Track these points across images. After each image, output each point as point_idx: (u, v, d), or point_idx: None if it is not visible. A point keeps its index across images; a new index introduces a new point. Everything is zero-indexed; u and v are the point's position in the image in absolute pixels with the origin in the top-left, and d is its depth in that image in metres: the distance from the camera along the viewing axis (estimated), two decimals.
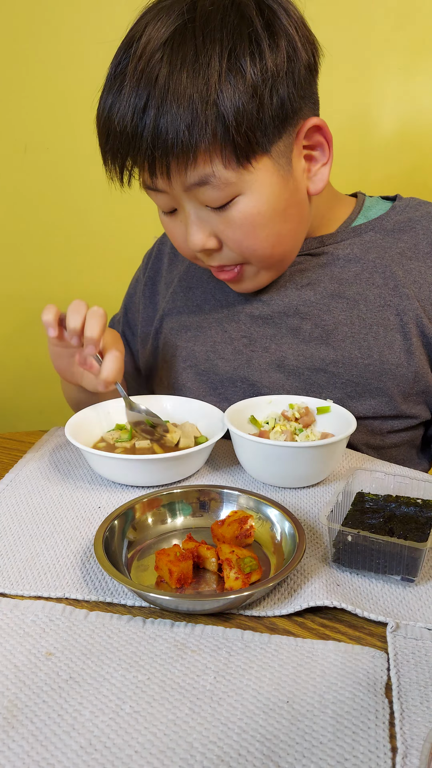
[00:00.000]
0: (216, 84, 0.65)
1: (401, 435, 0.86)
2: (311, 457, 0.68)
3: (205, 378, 0.89)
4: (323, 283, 0.85)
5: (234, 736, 0.41)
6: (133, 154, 0.71)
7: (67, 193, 1.57)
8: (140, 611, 0.53)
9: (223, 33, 0.66)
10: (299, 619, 0.52)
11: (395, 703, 0.43)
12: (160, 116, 0.66)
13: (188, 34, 0.66)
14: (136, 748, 0.40)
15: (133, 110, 0.68)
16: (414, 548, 0.54)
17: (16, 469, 0.77)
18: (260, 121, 0.68)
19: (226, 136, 0.67)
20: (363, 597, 0.54)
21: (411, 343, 0.82)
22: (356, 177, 1.33)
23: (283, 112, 0.70)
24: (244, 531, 0.59)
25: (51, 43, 1.46)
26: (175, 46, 0.66)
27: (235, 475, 0.75)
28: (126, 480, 0.72)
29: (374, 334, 0.83)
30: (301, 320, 0.85)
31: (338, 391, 0.83)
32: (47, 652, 0.48)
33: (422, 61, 1.26)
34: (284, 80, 0.68)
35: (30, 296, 1.67)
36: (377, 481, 0.65)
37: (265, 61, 0.66)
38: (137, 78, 0.67)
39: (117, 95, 0.69)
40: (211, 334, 0.90)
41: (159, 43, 0.66)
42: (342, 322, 0.84)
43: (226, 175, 0.70)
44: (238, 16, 0.67)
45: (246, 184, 0.72)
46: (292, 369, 0.85)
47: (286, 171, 0.74)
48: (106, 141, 0.73)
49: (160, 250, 1.03)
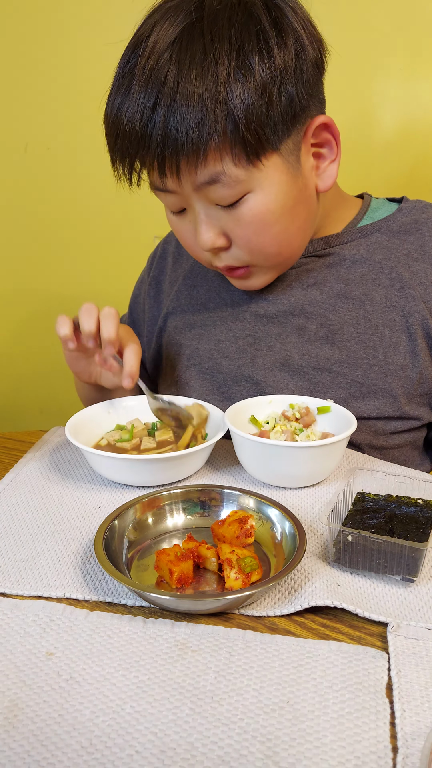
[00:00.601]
0: (225, 82, 0.65)
1: (404, 436, 0.86)
2: (311, 457, 0.68)
3: (209, 376, 0.89)
4: (329, 283, 0.85)
5: (235, 736, 0.41)
6: (143, 153, 0.71)
7: (68, 192, 1.57)
8: (141, 611, 0.53)
9: (231, 31, 0.66)
10: (299, 619, 0.52)
11: (396, 703, 0.43)
12: (170, 115, 0.66)
13: (196, 33, 0.66)
14: (136, 748, 0.40)
15: (142, 110, 0.67)
16: (414, 548, 0.54)
17: (16, 469, 0.77)
18: (269, 119, 0.68)
19: (236, 133, 0.67)
20: (363, 597, 0.54)
21: (416, 345, 0.82)
22: (358, 177, 1.33)
23: (291, 109, 0.70)
24: (244, 531, 0.59)
25: (52, 42, 1.46)
26: (183, 45, 0.66)
27: (235, 475, 0.75)
28: (126, 480, 0.72)
29: (380, 335, 0.83)
30: (307, 320, 0.85)
31: (342, 391, 0.83)
32: (48, 652, 0.48)
33: (423, 61, 1.26)
34: (292, 77, 0.68)
35: (30, 295, 1.67)
36: (378, 481, 0.65)
37: (274, 59, 0.67)
38: (146, 78, 0.67)
39: (126, 95, 0.69)
40: (216, 333, 0.90)
41: (167, 43, 0.67)
42: (347, 322, 0.84)
43: (236, 172, 0.70)
44: (246, 14, 0.67)
45: (256, 182, 0.72)
46: (297, 368, 0.85)
47: (295, 168, 0.74)
48: (115, 141, 0.73)
49: (165, 250, 1.03)
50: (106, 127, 0.74)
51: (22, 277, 1.66)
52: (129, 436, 0.78)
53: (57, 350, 0.86)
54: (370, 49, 1.27)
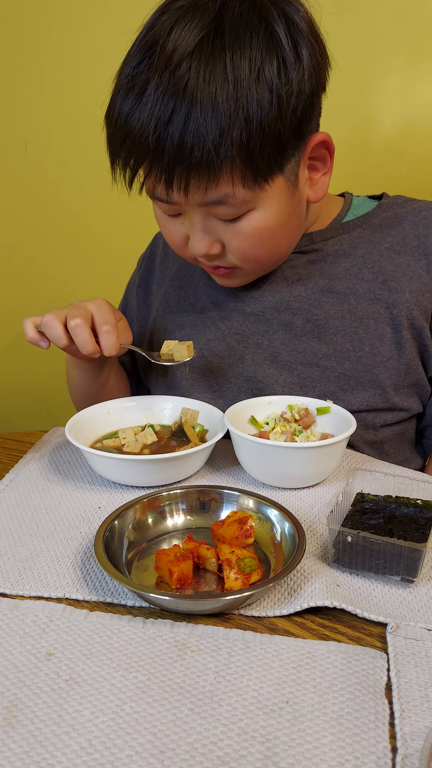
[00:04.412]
0: (245, 103, 0.64)
1: (394, 428, 0.87)
2: (311, 457, 0.68)
3: (200, 375, 0.90)
4: (313, 279, 0.87)
5: (234, 737, 0.41)
6: (150, 164, 0.69)
7: (68, 192, 1.57)
8: (140, 611, 0.53)
9: (252, 50, 0.65)
10: (299, 620, 0.52)
11: (395, 703, 0.43)
12: (186, 130, 0.65)
13: (217, 46, 0.64)
14: (136, 749, 0.40)
15: (156, 120, 0.65)
16: (414, 549, 0.54)
17: (16, 469, 0.77)
18: (281, 139, 0.68)
19: (250, 156, 0.67)
20: (363, 597, 0.54)
21: (401, 336, 0.83)
22: (358, 177, 1.33)
23: (300, 131, 0.70)
24: (244, 531, 0.59)
25: (52, 42, 1.45)
26: (203, 59, 0.64)
27: (235, 475, 0.75)
28: (126, 480, 0.72)
29: (365, 327, 0.84)
30: (293, 315, 0.86)
31: (331, 384, 0.84)
32: (47, 653, 0.48)
33: (424, 61, 1.26)
34: (302, 99, 0.68)
35: (30, 295, 1.67)
36: (377, 482, 0.65)
37: (291, 82, 0.66)
38: (163, 86, 0.65)
39: (138, 101, 0.66)
40: (205, 332, 0.91)
41: (186, 52, 0.64)
42: (333, 316, 0.85)
43: (243, 194, 0.70)
44: (267, 33, 0.66)
45: (259, 201, 0.72)
46: (286, 364, 0.86)
47: (294, 185, 0.75)
48: (120, 145, 0.70)
49: (153, 252, 1.04)
50: (109, 127, 0.72)
51: (22, 276, 1.66)
52: None
53: (57, 351, 0.86)
54: (371, 48, 1.27)
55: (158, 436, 0.80)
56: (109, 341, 0.77)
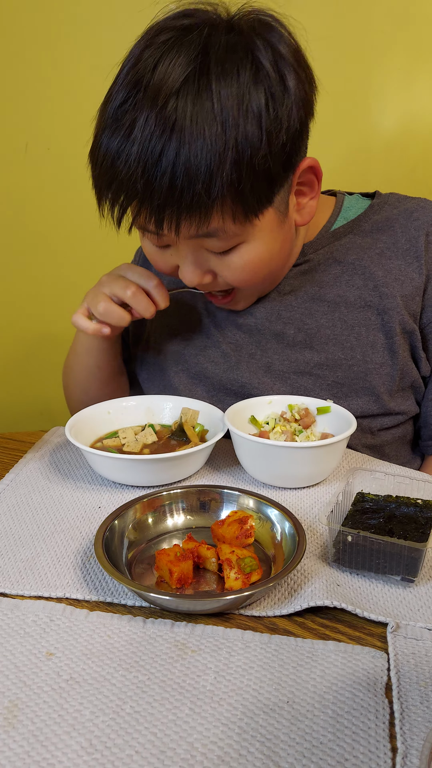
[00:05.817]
0: (234, 142, 0.63)
1: (392, 432, 0.87)
2: (311, 457, 0.68)
3: (197, 381, 0.90)
4: (304, 288, 0.86)
5: (234, 736, 0.41)
6: (140, 205, 0.68)
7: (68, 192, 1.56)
8: (140, 611, 0.53)
9: (240, 87, 0.64)
10: (299, 619, 0.52)
11: (395, 703, 0.43)
12: (175, 173, 0.63)
13: (203, 83, 0.63)
14: (136, 749, 0.40)
15: (145, 162, 0.64)
16: (414, 548, 0.54)
17: (16, 469, 0.77)
18: (270, 174, 0.67)
19: (240, 194, 0.66)
20: (363, 597, 0.54)
21: (394, 342, 0.83)
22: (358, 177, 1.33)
23: (288, 163, 0.70)
24: (244, 531, 0.59)
25: (52, 42, 1.45)
26: (190, 97, 0.63)
27: (235, 475, 0.75)
28: (126, 480, 0.72)
29: (356, 335, 0.83)
30: (284, 325, 0.86)
31: (325, 393, 0.84)
32: (48, 652, 0.48)
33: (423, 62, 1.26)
34: (292, 134, 0.68)
35: (30, 295, 1.67)
36: (377, 482, 0.65)
37: (280, 118, 0.65)
38: (150, 127, 0.63)
39: (125, 140, 0.65)
40: (201, 339, 0.91)
41: (173, 90, 0.63)
42: (324, 325, 0.84)
43: (233, 228, 0.70)
44: (253, 67, 0.65)
45: (249, 234, 0.72)
46: (279, 374, 0.86)
47: (284, 214, 0.75)
48: (107, 187, 0.70)
49: (145, 259, 1.04)
50: (94, 167, 0.70)
51: (22, 276, 1.66)
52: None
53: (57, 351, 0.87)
54: (370, 48, 1.27)
55: (158, 435, 0.80)
56: (162, 294, 0.81)
